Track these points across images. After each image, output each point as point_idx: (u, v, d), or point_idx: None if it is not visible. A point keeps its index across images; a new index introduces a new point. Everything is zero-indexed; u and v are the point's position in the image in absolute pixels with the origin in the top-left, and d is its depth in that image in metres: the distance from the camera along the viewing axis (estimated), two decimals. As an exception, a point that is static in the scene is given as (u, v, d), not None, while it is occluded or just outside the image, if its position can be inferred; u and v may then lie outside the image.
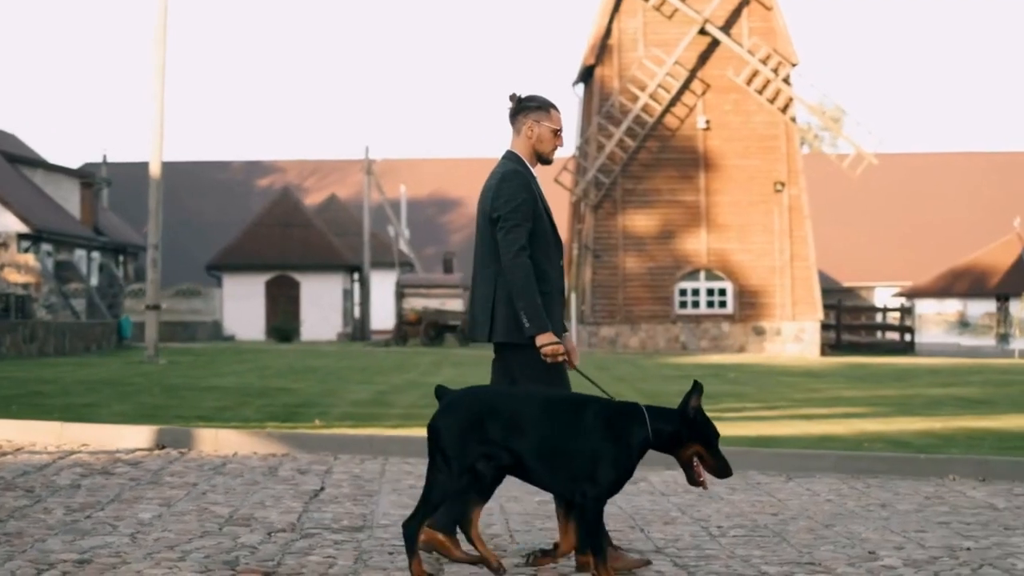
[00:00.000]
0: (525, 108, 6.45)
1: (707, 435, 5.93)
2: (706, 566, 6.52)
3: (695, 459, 5.91)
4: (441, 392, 5.90)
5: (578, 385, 6.58)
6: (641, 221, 41.06)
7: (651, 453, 6.06)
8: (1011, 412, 16.71)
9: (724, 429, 12.67)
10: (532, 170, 6.43)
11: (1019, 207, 64.92)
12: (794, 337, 40.72)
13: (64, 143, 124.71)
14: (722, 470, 5.94)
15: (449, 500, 5.88)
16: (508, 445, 5.75)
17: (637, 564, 6.29)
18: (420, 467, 10.14)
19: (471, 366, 27.94)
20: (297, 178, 77.34)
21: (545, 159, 6.48)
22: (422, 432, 11.69)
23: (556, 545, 6.29)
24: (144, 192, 73.65)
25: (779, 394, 20.18)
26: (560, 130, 6.50)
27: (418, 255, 66.00)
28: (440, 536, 6.31)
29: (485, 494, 5.94)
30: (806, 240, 40.97)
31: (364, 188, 54.04)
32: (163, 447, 10.56)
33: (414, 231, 69.33)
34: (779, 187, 40.91)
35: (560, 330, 6.35)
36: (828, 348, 43.33)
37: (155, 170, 26.87)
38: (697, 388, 5.90)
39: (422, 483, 9.21)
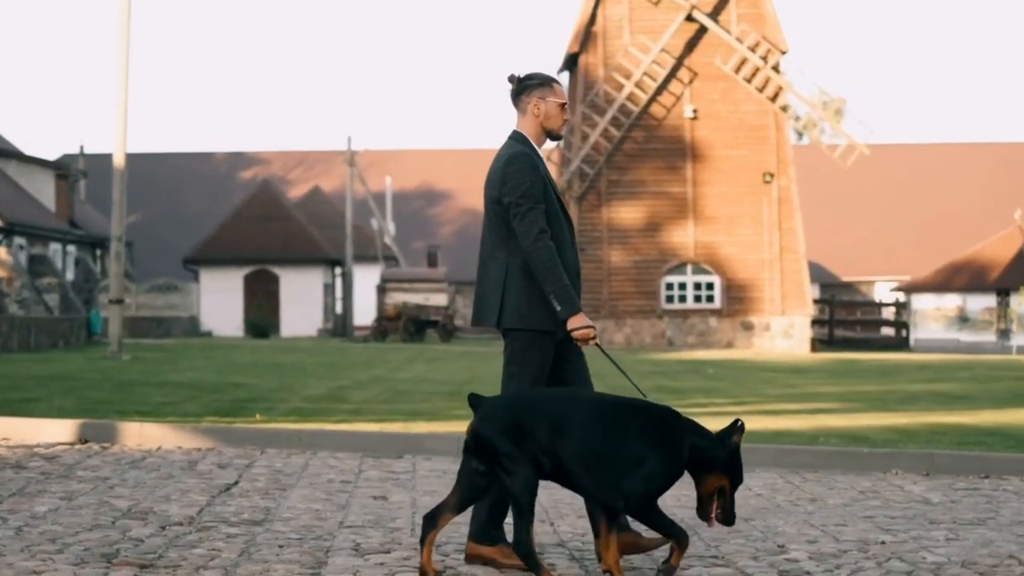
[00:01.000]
0: (527, 87, 6.46)
1: (737, 474, 5.97)
2: (602, 559, 6.54)
3: (716, 494, 5.93)
4: (476, 400, 5.90)
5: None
6: (626, 213, 41.09)
7: None
8: (987, 408, 16.78)
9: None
10: (539, 150, 6.44)
11: (1021, 199, 64.91)
12: (783, 332, 40.73)
13: (41, 134, 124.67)
14: (730, 517, 5.97)
15: (526, 509, 5.80)
16: (550, 450, 5.77)
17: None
18: (347, 462, 10.18)
19: (445, 361, 27.99)
20: (282, 170, 77.31)
21: (555, 135, 6.50)
22: (365, 427, 11.81)
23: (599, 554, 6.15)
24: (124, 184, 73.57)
25: (753, 390, 20.22)
26: (566, 104, 6.51)
27: (405, 249, 65.98)
28: (484, 549, 6.29)
29: (462, 507, 5.95)
30: (796, 232, 40.97)
31: (347, 180, 54.07)
32: (86, 441, 10.59)
33: (401, 224, 69.30)
34: (768, 178, 40.92)
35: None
36: (820, 344, 43.36)
37: (119, 161, 26.93)
38: (739, 427, 5.97)
39: (343, 477, 9.31)
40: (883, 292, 64.21)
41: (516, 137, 6.44)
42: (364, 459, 10.29)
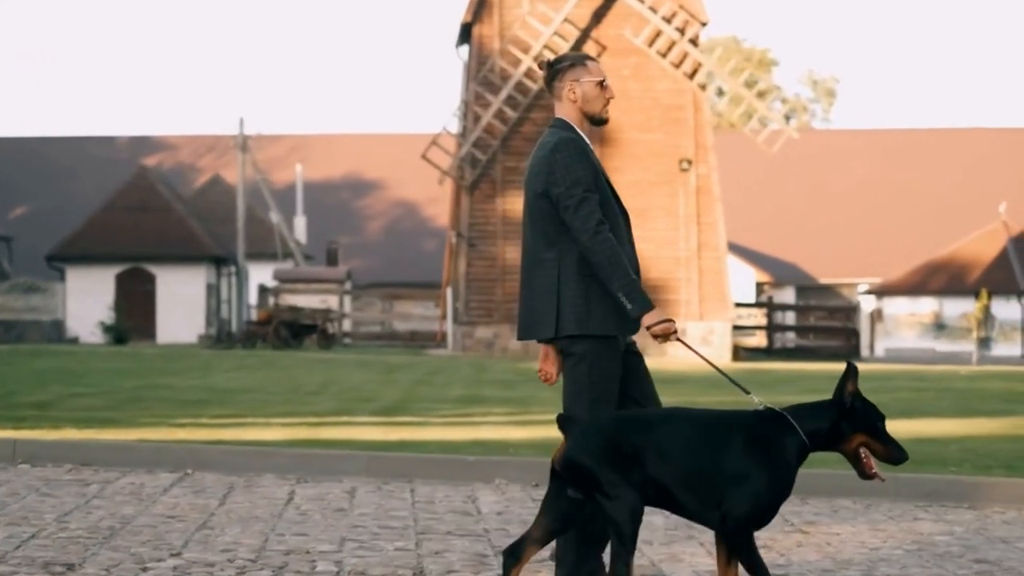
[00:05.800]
0: (558, 71, 6.62)
1: (870, 421, 6.14)
2: None
3: (862, 451, 6.14)
4: (565, 420, 6.11)
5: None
6: (525, 205, 41.29)
7: None
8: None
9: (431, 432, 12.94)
10: (585, 136, 6.58)
11: (1006, 190, 65.15)
12: (701, 339, 40.81)
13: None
14: (895, 455, 6.16)
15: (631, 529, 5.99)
16: (652, 473, 6.01)
17: None
18: None
19: (274, 370, 28.03)
20: (190, 156, 77.58)
21: (598, 119, 6.63)
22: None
23: None
24: (6, 171, 73.45)
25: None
26: (605, 80, 6.61)
27: (328, 245, 66.20)
28: None
29: (549, 538, 6.16)
30: (716, 227, 41.20)
31: (238, 168, 54.41)
32: None
33: (323, 217, 69.48)
34: (685, 165, 41.17)
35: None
36: (747, 352, 43.61)
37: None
38: (852, 371, 6.13)
39: None
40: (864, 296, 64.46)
41: (559, 124, 6.58)
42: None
